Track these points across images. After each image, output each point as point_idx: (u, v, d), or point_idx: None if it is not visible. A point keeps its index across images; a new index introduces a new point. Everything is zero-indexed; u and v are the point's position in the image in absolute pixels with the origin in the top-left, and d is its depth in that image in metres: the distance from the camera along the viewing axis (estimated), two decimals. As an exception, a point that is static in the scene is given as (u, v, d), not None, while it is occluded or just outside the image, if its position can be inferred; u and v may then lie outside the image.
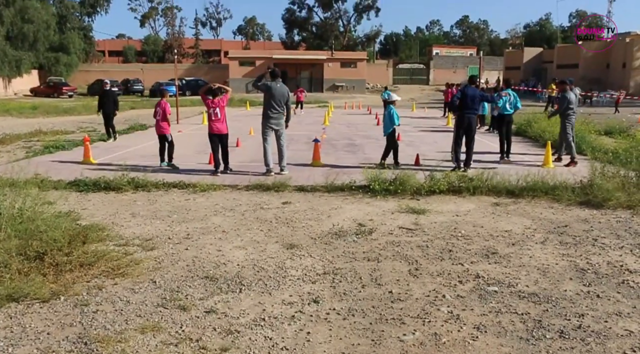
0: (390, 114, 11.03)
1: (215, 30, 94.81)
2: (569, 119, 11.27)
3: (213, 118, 10.09)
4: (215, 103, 10.09)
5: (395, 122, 10.98)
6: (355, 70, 54.86)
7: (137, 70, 60.35)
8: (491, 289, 4.77)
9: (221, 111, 10.11)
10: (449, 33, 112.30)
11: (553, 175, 9.05)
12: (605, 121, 18.22)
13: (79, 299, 4.50)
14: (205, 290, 4.77)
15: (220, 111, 10.10)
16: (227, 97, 10.43)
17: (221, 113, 10.10)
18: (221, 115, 10.10)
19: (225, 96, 10.31)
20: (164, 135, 11.03)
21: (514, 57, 58.38)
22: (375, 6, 70.20)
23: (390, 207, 7.79)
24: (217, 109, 10.06)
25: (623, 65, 42.97)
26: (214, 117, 10.07)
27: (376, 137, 16.68)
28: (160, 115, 10.92)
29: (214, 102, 10.10)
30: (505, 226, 6.81)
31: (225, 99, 10.27)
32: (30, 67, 48.96)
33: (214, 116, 10.07)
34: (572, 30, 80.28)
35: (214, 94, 10.19)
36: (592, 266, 5.35)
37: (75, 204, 7.91)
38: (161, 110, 10.93)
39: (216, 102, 10.11)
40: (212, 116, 10.09)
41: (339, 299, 4.58)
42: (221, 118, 10.11)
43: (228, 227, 6.79)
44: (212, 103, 10.10)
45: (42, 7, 49.85)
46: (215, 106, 10.07)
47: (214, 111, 10.06)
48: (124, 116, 25.47)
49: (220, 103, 10.13)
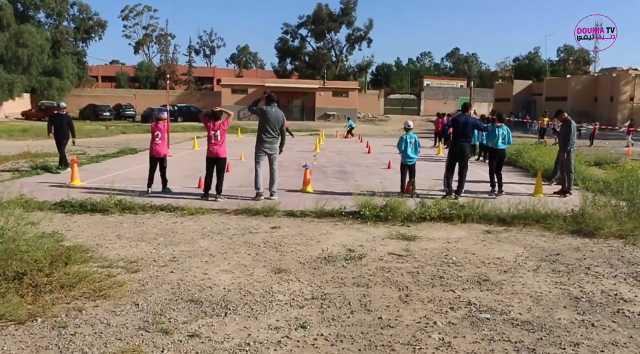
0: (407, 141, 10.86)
1: (208, 58, 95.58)
2: (573, 148, 11.16)
3: (213, 141, 10.01)
4: (216, 126, 10.03)
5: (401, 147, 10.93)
6: (347, 100, 55.24)
7: (129, 96, 60.50)
8: (483, 316, 4.65)
9: (222, 134, 10.04)
10: (439, 65, 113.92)
11: (544, 204, 9.00)
12: (595, 153, 18.36)
13: (57, 322, 4.33)
14: (189, 314, 4.61)
15: (222, 134, 10.04)
16: (229, 121, 10.39)
17: (222, 137, 10.03)
18: (222, 139, 10.02)
19: (227, 120, 10.27)
20: (165, 157, 10.75)
21: (504, 89, 59.22)
22: (367, 37, 71.31)
23: (380, 234, 7.69)
24: (218, 132, 9.99)
25: (611, 99, 43.67)
26: (214, 141, 10.00)
27: (367, 165, 16.69)
28: (161, 137, 10.67)
29: (216, 126, 10.04)
30: (497, 254, 6.72)
31: (227, 123, 10.23)
32: (22, 90, 48.89)
33: (214, 139, 9.99)
34: (561, 64, 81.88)
35: (216, 117, 10.14)
36: (586, 294, 5.26)
37: (59, 225, 7.73)
38: (162, 132, 10.68)
39: (217, 125, 10.05)
40: (212, 139, 10.02)
41: (328, 325, 4.44)
42: (221, 142, 10.03)
43: (215, 250, 6.65)
44: (213, 126, 10.04)
45: (37, 32, 50.09)
46: (217, 129, 10.01)
47: (214, 134, 9.99)
48: (115, 141, 25.40)
49: (221, 127, 10.08)
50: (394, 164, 15.65)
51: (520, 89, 55.40)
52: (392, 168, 15.14)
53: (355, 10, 69.76)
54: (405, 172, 10.87)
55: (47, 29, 56.53)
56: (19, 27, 48.04)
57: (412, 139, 10.85)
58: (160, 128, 10.65)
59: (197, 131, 30.25)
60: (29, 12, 56.36)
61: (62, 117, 14.04)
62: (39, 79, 51.07)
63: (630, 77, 43.77)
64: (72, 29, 62.34)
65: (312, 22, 69.56)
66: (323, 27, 69.05)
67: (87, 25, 64.23)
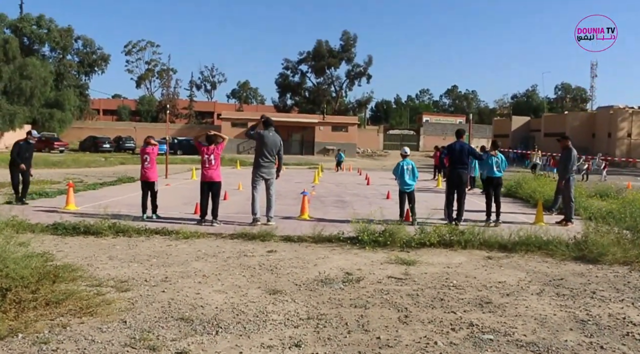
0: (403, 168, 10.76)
1: (209, 93, 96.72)
2: (572, 176, 11.06)
3: (207, 165, 9.91)
4: (210, 150, 9.95)
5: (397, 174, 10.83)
6: (347, 134, 55.52)
7: (130, 128, 60.77)
8: (486, 337, 4.45)
9: (216, 158, 9.96)
10: (438, 102, 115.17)
11: (546, 231, 8.84)
12: (595, 186, 18.22)
13: (39, 337, 4.12)
14: (178, 331, 4.41)
15: (215, 158, 9.95)
16: (223, 145, 10.30)
17: (215, 161, 9.95)
18: (215, 163, 9.94)
19: (221, 144, 10.19)
20: (154, 182, 10.61)
21: (503, 125, 59.66)
22: (366, 73, 72.05)
23: (379, 258, 7.50)
24: (212, 156, 9.91)
25: (608, 135, 43.92)
26: (208, 165, 9.90)
27: (365, 196, 16.54)
28: (149, 160, 10.62)
29: (209, 150, 9.96)
30: (498, 278, 6.53)
31: (221, 147, 10.14)
32: (24, 121, 49.11)
33: (208, 164, 9.90)
34: (558, 102, 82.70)
35: (210, 141, 10.07)
36: (593, 317, 5.06)
37: (50, 246, 7.56)
38: (150, 155, 10.62)
39: (211, 149, 9.97)
40: (206, 163, 9.92)
41: (323, 344, 4.23)
42: (215, 166, 9.94)
43: (209, 271, 6.46)
44: (207, 150, 9.96)
45: (41, 64, 50.69)
46: (210, 153, 9.93)
47: (208, 158, 9.90)
48: (113, 170, 25.33)
49: (215, 151, 9.99)
50: (392, 194, 15.51)
51: (519, 125, 55.84)
52: (391, 198, 14.99)
53: (354, 47, 70.86)
54: (404, 199, 10.74)
55: (50, 62, 57.21)
56: (23, 60, 48.67)
57: (409, 166, 10.76)
58: (148, 152, 10.58)
59: (196, 163, 30.16)
60: (34, 46, 57.25)
61: (31, 148, 12.76)
62: (40, 111, 51.40)
63: (626, 114, 44.17)
64: (76, 62, 63.14)
65: (312, 58, 70.50)
66: (323, 63, 69.94)
67: (90, 59, 65.07)
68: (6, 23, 54.99)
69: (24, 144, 12.52)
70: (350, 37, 70.41)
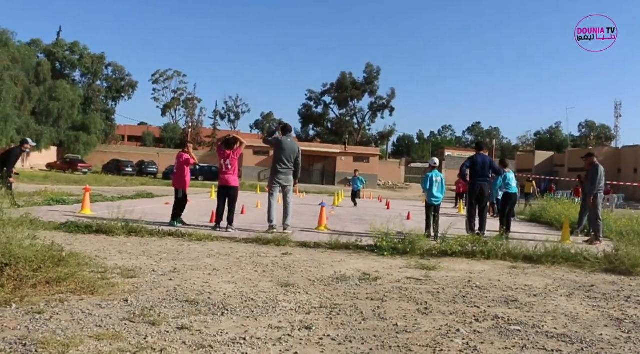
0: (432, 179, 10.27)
1: (233, 123, 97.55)
2: (600, 193, 10.63)
3: (224, 169, 9.76)
4: (227, 154, 9.80)
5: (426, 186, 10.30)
6: (368, 165, 55.26)
7: (153, 154, 61.47)
8: (513, 328, 4.09)
9: (232, 163, 9.77)
10: (461, 138, 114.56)
11: (573, 246, 8.42)
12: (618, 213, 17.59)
13: (34, 308, 3.90)
14: (182, 311, 4.14)
15: (232, 163, 9.77)
16: (240, 150, 10.07)
17: (232, 165, 9.76)
18: (232, 167, 9.76)
19: (238, 149, 10.00)
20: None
21: (526, 159, 58.88)
22: (389, 105, 72.21)
23: (398, 264, 7.16)
24: (228, 160, 9.75)
25: (634, 171, 42.95)
26: (225, 169, 9.75)
27: (385, 216, 16.15)
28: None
29: (226, 153, 9.80)
30: (524, 282, 6.14)
31: (238, 152, 9.95)
32: (50, 143, 50.05)
33: (225, 168, 9.75)
34: (582, 139, 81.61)
35: (228, 144, 9.93)
36: (629, 317, 4.65)
37: (60, 240, 7.34)
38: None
39: (228, 153, 9.81)
40: (223, 168, 9.78)
41: (336, 328, 3.92)
42: (232, 170, 9.77)
43: (220, 266, 6.20)
44: (224, 154, 9.81)
45: (70, 88, 51.94)
46: (227, 157, 9.77)
47: (224, 162, 9.75)
48: (134, 189, 25.39)
49: (232, 155, 9.82)
50: (413, 215, 15.18)
51: (542, 160, 55.06)
52: (412, 218, 14.63)
53: (377, 79, 71.27)
54: (430, 212, 10.25)
55: (80, 86, 58.58)
56: (54, 83, 49.88)
57: (438, 177, 10.32)
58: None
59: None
60: (65, 70, 58.75)
61: (20, 155, 12.18)
62: (67, 133, 52.42)
63: (654, 149, 43.24)
64: (104, 88, 64.49)
65: (336, 89, 71.05)
66: (346, 95, 70.39)
67: (118, 85, 66.40)
68: (41, 48, 56.65)
69: (18, 150, 12.10)
70: (373, 69, 70.96)
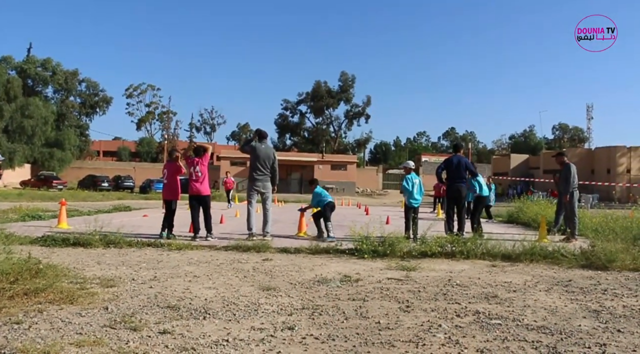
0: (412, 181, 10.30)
1: (209, 135, 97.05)
2: (575, 191, 10.79)
3: (194, 178, 9.53)
4: (195, 161, 9.58)
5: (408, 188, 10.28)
6: (346, 173, 55.50)
7: (129, 168, 60.77)
8: (494, 322, 4.15)
9: (202, 170, 9.56)
10: (436, 143, 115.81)
11: (550, 244, 8.57)
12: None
13: (12, 319, 3.83)
14: (163, 316, 4.11)
15: (201, 170, 9.55)
16: (207, 156, 9.83)
17: (202, 173, 9.57)
18: (202, 175, 9.56)
19: (205, 155, 9.77)
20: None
21: (502, 163, 59.71)
22: (365, 113, 72.66)
23: (378, 266, 7.19)
24: (197, 168, 9.54)
25: (607, 171, 43.88)
26: (194, 177, 9.52)
27: (364, 222, 16.19)
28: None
29: (194, 161, 9.58)
30: (504, 279, 6.23)
31: (205, 158, 9.72)
32: (24, 160, 49.17)
33: (194, 175, 9.53)
34: (556, 142, 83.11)
35: (196, 152, 9.81)
36: (606, 308, 4.75)
37: (37, 254, 7.23)
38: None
39: (196, 161, 9.57)
40: (193, 175, 9.54)
41: (318, 328, 3.93)
42: (202, 178, 9.55)
43: (200, 273, 6.16)
44: (192, 162, 9.58)
45: (43, 105, 51.11)
46: (195, 165, 9.53)
47: (194, 170, 9.54)
48: (110, 203, 25.04)
49: (200, 162, 9.57)
50: (392, 220, 15.26)
51: (517, 163, 55.89)
52: (391, 223, 14.69)
53: (353, 88, 71.71)
54: (410, 214, 10.31)
55: (53, 103, 57.74)
56: (26, 100, 49.07)
57: (416, 179, 10.40)
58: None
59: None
60: (37, 87, 57.89)
61: None
62: (40, 150, 51.55)
63: (625, 149, 44.26)
64: (78, 103, 63.69)
65: (311, 98, 71.27)
66: (322, 103, 70.66)
67: (92, 101, 65.62)
68: (12, 65, 55.74)
69: None
70: (348, 78, 71.41)
